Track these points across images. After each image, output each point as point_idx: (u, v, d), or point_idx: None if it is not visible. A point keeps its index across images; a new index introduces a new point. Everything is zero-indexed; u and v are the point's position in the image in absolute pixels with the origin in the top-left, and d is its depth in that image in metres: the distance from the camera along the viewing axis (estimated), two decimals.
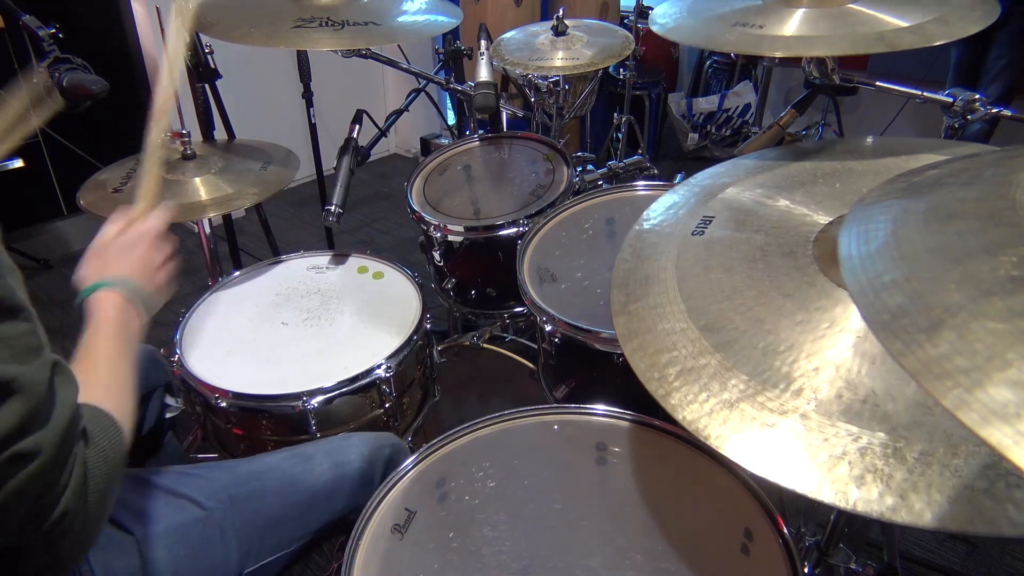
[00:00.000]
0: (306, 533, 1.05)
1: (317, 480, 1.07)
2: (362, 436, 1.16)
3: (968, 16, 0.97)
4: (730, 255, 0.81)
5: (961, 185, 0.55)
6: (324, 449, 1.12)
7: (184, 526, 0.95)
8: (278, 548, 1.02)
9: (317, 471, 1.08)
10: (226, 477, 1.04)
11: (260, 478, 1.05)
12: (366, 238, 3.34)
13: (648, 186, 1.47)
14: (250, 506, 1.01)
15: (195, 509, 0.97)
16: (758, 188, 0.94)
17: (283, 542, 1.03)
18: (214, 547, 0.96)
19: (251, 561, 0.99)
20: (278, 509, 1.03)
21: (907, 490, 0.56)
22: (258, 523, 1.01)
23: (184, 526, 0.95)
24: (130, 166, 1.53)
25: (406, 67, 1.68)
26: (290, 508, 1.04)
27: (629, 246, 0.91)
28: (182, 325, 1.34)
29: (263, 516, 1.01)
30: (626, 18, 3.51)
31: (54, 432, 0.61)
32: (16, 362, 0.58)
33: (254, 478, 1.05)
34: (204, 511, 0.97)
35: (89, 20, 2.99)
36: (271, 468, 1.07)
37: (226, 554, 0.96)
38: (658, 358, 0.72)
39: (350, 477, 1.09)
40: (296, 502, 1.04)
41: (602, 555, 0.92)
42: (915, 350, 0.40)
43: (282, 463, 1.08)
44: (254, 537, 1.00)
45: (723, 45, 1.05)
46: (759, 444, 0.62)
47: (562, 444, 1.03)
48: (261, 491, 1.03)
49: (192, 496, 0.98)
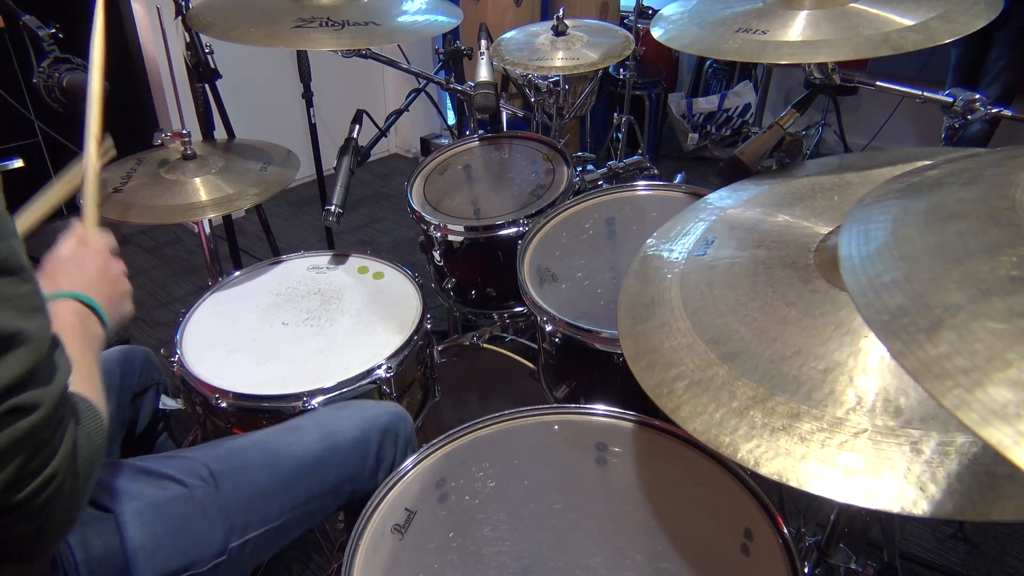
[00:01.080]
0: (295, 505, 1.04)
1: (306, 451, 1.06)
2: (357, 404, 1.15)
3: (971, 11, 0.96)
4: (732, 271, 0.82)
5: (961, 185, 0.55)
6: (314, 419, 1.11)
7: (164, 503, 0.94)
8: (264, 522, 1.01)
9: (305, 441, 1.07)
10: (208, 454, 1.03)
11: (244, 453, 1.04)
12: (366, 238, 3.34)
13: (648, 186, 1.47)
14: (232, 481, 1.00)
15: (176, 487, 0.96)
16: (758, 207, 0.95)
17: (269, 515, 1.01)
18: (195, 524, 0.95)
19: (236, 536, 0.98)
20: (263, 482, 1.02)
21: (926, 482, 0.56)
22: (242, 498, 0.99)
23: (164, 503, 0.94)
24: (130, 166, 1.53)
25: (406, 67, 1.68)
26: (276, 481, 1.03)
27: (633, 272, 0.92)
28: (182, 325, 1.34)
29: (246, 490, 1.00)
30: (626, 18, 3.51)
31: (53, 392, 0.61)
32: (22, 317, 0.59)
33: (237, 453, 1.04)
34: (185, 488, 0.96)
35: (89, 20, 2.99)
36: (256, 442, 1.06)
37: (209, 530, 0.95)
38: (666, 374, 0.73)
39: (343, 446, 1.08)
40: (282, 474, 1.03)
41: (602, 555, 0.92)
42: (915, 350, 0.40)
43: (268, 436, 1.08)
44: (238, 512, 0.98)
45: (726, 53, 1.05)
46: (771, 448, 0.62)
47: (562, 444, 1.03)
48: (244, 466, 1.02)
49: (173, 475, 0.97)
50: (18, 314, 0.59)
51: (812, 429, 0.62)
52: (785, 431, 0.63)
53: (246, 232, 3.11)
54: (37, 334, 0.60)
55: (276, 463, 1.04)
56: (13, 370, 0.57)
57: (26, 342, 0.59)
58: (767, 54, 1.03)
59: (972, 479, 0.55)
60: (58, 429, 0.63)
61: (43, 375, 0.61)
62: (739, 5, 1.15)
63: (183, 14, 1.59)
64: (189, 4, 1.60)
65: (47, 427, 0.61)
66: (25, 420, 0.59)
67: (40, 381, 0.60)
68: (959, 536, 1.72)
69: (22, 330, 0.58)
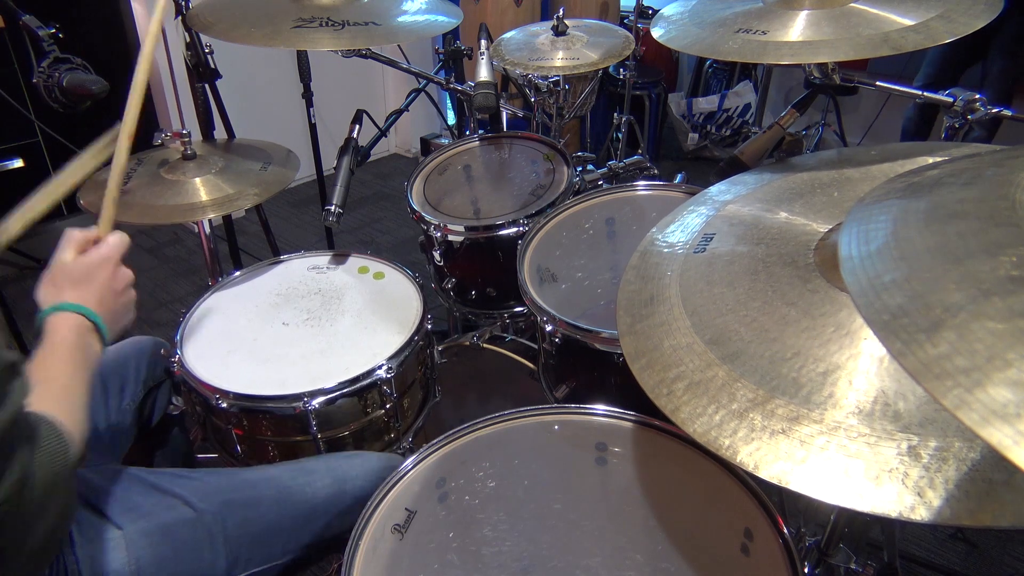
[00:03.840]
0: (299, 547, 1.04)
1: (316, 494, 1.06)
2: (368, 455, 1.15)
3: (971, 11, 0.96)
4: (732, 269, 0.82)
5: (961, 185, 0.55)
6: (327, 464, 1.11)
7: (173, 525, 0.94)
8: (268, 559, 1.01)
9: (317, 484, 1.07)
10: (222, 481, 1.03)
11: (257, 486, 1.04)
12: (366, 238, 3.34)
13: (648, 186, 1.47)
14: (243, 513, 1.00)
15: (186, 510, 0.97)
16: (757, 203, 0.95)
17: (274, 553, 1.02)
18: (201, 550, 0.95)
19: (239, 569, 0.98)
20: (272, 519, 1.02)
21: (924, 487, 0.56)
22: (250, 531, 1.00)
23: (173, 525, 0.94)
24: (130, 166, 1.53)
25: (406, 67, 1.68)
26: (285, 519, 1.03)
27: (632, 268, 0.91)
28: (182, 325, 1.34)
29: (256, 524, 1.00)
30: (626, 18, 3.51)
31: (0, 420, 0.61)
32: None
33: (250, 486, 1.04)
34: (195, 512, 0.96)
35: (89, 20, 2.99)
36: (270, 478, 1.06)
37: (213, 559, 0.96)
38: (666, 374, 0.72)
39: (351, 494, 1.07)
40: (292, 514, 1.03)
41: (602, 555, 0.92)
42: (915, 350, 0.40)
43: (282, 474, 1.08)
44: (244, 545, 0.99)
45: (726, 53, 1.05)
46: (771, 451, 0.62)
47: (562, 444, 1.03)
48: (256, 499, 1.02)
49: (185, 496, 0.98)
50: None
51: (812, 432, 0.62)
52: (785, 434, 0.63)
53: (246, 232, 3.11)
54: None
55: (287, 501, 1.04)
56: None
57: None
58: (767, 54, 1.03)
59: (970, 485, 0.55)
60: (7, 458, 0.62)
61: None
62: (739, 5, 1.15)
63: (183, 14, 1.59)
64: (189, 4, 1.60)
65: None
66: None
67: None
68: (959, 536, 1.72)
69: None
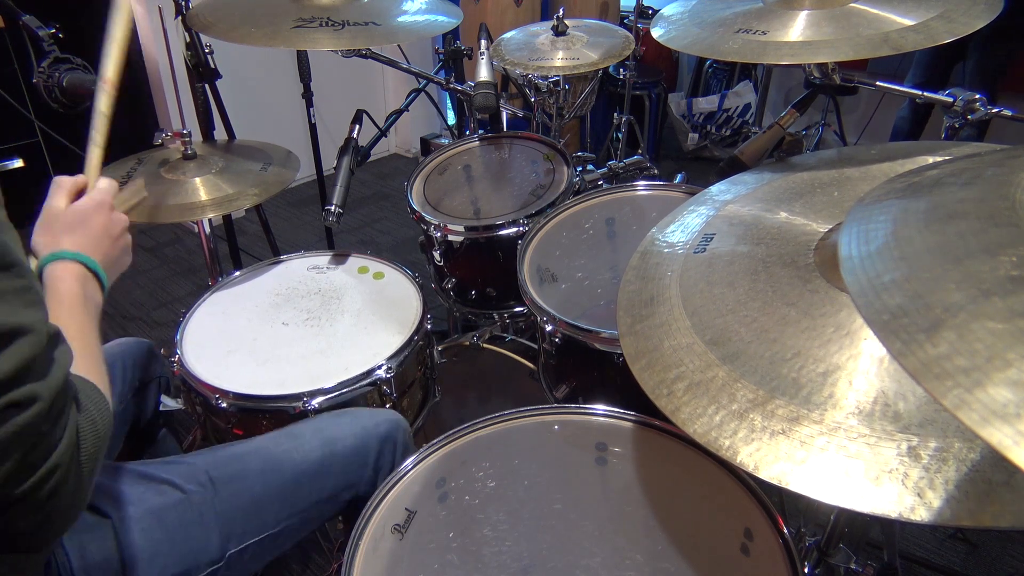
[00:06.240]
0: (293, 513, 1.04)
1: (305, 458, 1.05)
2: (355, 411, 1.15)
3: (971, 11, 0.96)
4: (732, 269, 0.82)
5: (961, 185, 0.55)
6: (314, 427, 1.11)
7: (162, 509, 0.94)
8: (262, 529, 1.00)
9: (305, 448, 1.06)
10: (208, 459, 1.03)
11: (243, 459, 1.04)
12: (366, 238, 3.34)
13: (648, 186, 1.47)
14: (231, 487, 1.00)
15: (174, 492, 0.96)
16: (757, 202, 0.95)
17: (267, 523, 1.01)
18: (193, 530, 0.95)
19: (234, 543, 0.97)
20: (261, 489, 1.01)
21: (924, 488, 0.56)
22: (240, 504, 0.99)
23: (162, 509, 0.94)
24: (130, 165, 1.53)
25: (406, 67, 1.68)
26: (274, 488, 1.02)
27: (632, 269, 0.91)
28: (182, 325, 1.34)
29: (245, 497, 1.00)
30: (626, 18, 3.51)
31: (51, 385, 0.61)
32: (18, 312, 0.59)
33: (236, 459, 1.04)
34: (183, 494, 0.96)
35: (89, 20, 2.99)
36: (256, 449, 1.06)
37: (206, 536, 0.95)
38: (666, 374, 0.72)
39: (341, 454, 1.07)
40: (281, 481, 1.03)
41: (602, 555, 0.92)
42: (915, 350, 0.40)
43: (268, 443, 1.07)
44: (236, 519, 0.98)
45: (726, 53, 1.05)
46: (771, 452, 0.62)
47: (562, 444, 1.03)
48: (243, 472, 1.02)
49: (171, 480, 0.97)
50: (13, 309, 0.59)
51: (812, 433, 0.62)
52: (785, 434, 0.63)
53: (246, 232, 3.11)
54: (33, 328, 0.60)
55: (275, 470, 1.04)
56: (9, 365, 0.57)
57: (22, 337, 0.59)
58: (767, 54, 1.03)
59: (969, 485, 0.55)
60: (58, 421, 0.63)
61: (40, 369, 0.61)
62: (739, 5, 1.15)
63: (183, 14, 1.59)
64: (189, 4, 1.60)
65: (46, 420, 0.61)
66: (22, 415, 0.59)
67: (37, 375, 0.60)
68: (959, 536, 1.72)
69: (19, 325, 0.59)
